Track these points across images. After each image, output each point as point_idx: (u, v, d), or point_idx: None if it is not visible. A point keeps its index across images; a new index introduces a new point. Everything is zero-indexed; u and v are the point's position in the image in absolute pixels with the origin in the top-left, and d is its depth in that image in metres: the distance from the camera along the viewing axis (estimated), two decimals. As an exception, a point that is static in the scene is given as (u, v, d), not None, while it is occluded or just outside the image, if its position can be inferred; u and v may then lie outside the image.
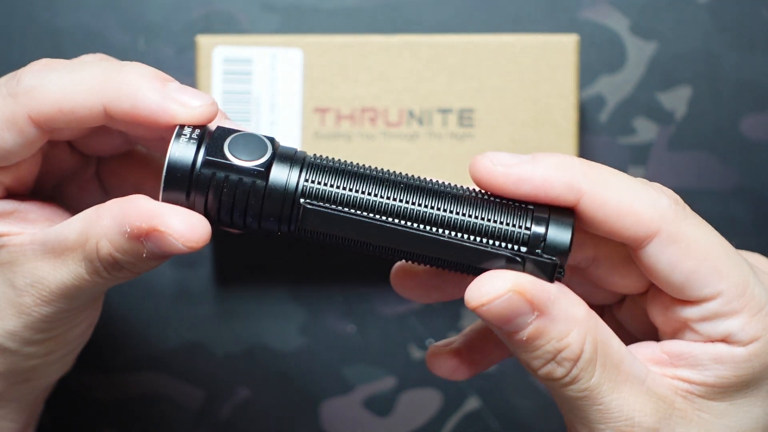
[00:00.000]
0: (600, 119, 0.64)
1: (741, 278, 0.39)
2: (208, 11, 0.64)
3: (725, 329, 0.39)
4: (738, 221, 0.64)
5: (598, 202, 0.38)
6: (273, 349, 0.64)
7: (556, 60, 0.59)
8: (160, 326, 0.64)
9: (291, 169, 0.38)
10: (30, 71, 0.39)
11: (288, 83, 0.59)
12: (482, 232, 0.38)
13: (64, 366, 0.46)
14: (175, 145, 0.38)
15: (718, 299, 0.39)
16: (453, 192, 0.39)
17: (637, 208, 0.38)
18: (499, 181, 0.38)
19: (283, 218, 0.39)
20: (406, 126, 0.59)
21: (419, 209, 0.38)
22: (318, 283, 0.64)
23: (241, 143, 0.38)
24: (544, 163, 0.38)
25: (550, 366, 0.38)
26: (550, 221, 0.38)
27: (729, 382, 0.39)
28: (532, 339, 0.38)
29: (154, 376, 0.64)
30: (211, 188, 0.38)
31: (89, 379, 0.64)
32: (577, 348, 0.38)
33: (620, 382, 0.38)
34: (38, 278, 0.40)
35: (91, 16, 0.64)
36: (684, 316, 0.40)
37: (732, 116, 0.64)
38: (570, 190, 0.38)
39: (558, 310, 0.38)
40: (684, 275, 0.39)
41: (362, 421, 0.64)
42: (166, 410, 0.64)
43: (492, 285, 0.37)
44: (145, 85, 0.39)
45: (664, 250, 0.38)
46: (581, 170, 0.38)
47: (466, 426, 0.65)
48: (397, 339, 0.64)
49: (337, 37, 0.59)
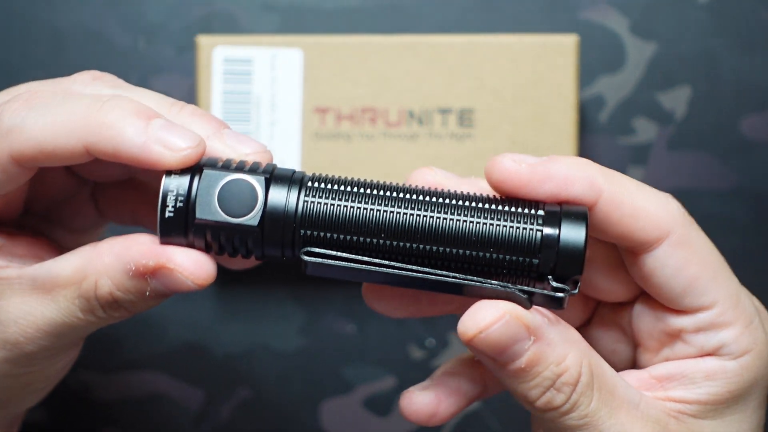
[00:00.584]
0: (600, 119, 0.64)
1: (735, 289, 0.39)
2: (208, 11, 0.64)
3: (719, 341, 0.39)
4: (738, 221, 0.64)
5: (616, 201, 0.38)
6: (273, 349, 0.64)
7: (556, 60, 0.59)
8: (160, 326, 0.64)
9: (285, 223, 0.37)
10: (10, 110, 0.38)
11: (288, 83, 0.59)
12: (490, 264, 0.37)
13: (40, 396, 0.45)
14: (165, 188, 0.37)
15: (713, 309, 0.39)
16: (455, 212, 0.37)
17: (651, 210, 0.38)
18: (523, 179, 0.38)
19: (285, 252, 0.38)
20: (406, 126, 0.59)
21: (423, 247, 0.37)
22: (318, 283, 0.64)
23: (231, 193, 0.37)
24: (565, 162, 0.38)
25: (549, 394, 0.37)
26: (561, 224, 0.37)
27: (722, 398, 0.39)
28: (530, 366, 0.37)
29: (154, 376, 0.64)
30: (208, 236, 0.37)
31: (89, 379, 0.64)
32: (575, 372, 0.37)
33: (616, 408, 0.38)
34: (24, 314, 0.39)
35: (91, 16, 0.64)
36: (678, 326, 0.39)
37: (732, 116, 0.64)
38: (591, 187, 0.38)
39: (554, 334, 0.37)
40: (687, 281, 0.38)
41: (362, 421, 0.64)
42: (166, 410, 0.64)
43: (486, 312, 0.37)
44: (127, 127, 0.37)
45: (672, 254, 0.38)
46: (599, 170, 0.38)
47: (466, 426, 0.65)
48: (397, 339, 0.64)
49: (337, 37, 0.59)
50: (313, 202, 0.37)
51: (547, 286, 0.37)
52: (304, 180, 0.38)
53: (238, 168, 0.38)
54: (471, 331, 0.37)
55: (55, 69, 0.63)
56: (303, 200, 0.37)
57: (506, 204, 0.37)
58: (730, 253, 0.42)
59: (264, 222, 0.37)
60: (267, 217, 0.37)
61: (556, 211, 0.37)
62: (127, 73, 0.63)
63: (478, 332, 0.37)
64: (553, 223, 0.37)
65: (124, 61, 0.63)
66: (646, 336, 0.41)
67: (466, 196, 0.38)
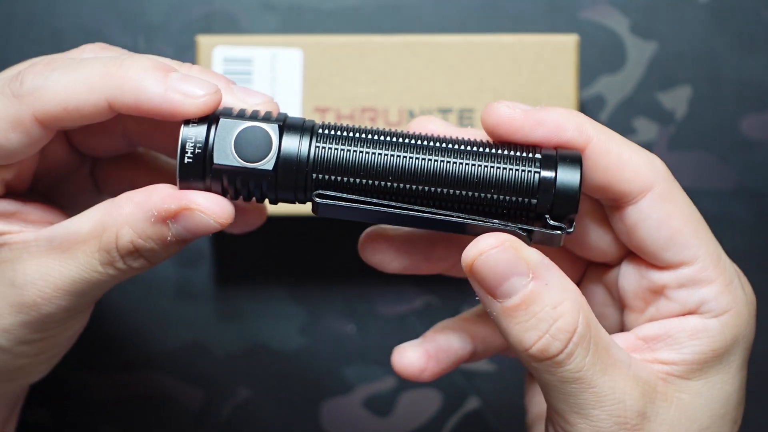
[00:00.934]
0: (600, 119, 0.64)
1: (715, 247, 0.40)
2: (208, 11, 0.64)
3: (700, 297, 0.40)
4: (738, 221, 0.64)
5: (603, 150, 0.39)
6: (273, 349, 0.64)
7: (556, 60, 0.59)
8: (160, 326, 0.64)
9: (298, 167, 0.39)
10: (32, 72, 0.40)
11: (288, 83, 0.59)
12: (491, 205, 0.39)
13: (47, 368, 0.46)
14: (184, 133, 0.39)
15: (695, 265, 0.40)
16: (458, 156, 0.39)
17: (637, 163, 0.40)
18: (517, 124, 0.39)
19: (298, 195, 0.40)
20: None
21: (427, 189, 0.39)
22: (318, 283, 0.64)
23: (247, 140, 0.39)
24: (557, 110, 0.40)
25: (545, 340, 0.38)
26: (558, 166, 0.39)
27: (705, 356, 0.40)
28: (526, 303, 0.38)
29: (154, 376, 0.64)
30: (225, 180, 0.39)
31: (89, 379, 0.64)
32: (572, 318, 0.38)
33: (610, 366, 0.39)
34: (42, 275, 0.40)
35: (91, 16, 0.64)
36: (661, 281, 0.41)
37: (732, 116, 0.64)
38: (581, 133, 0.39)
39: (552, 277, 0.38)
40: (669, 233, 0.40)
41: (362, 421, 0.64)
42: (166, 410, 0.64)
43: (488, 239, 0.38)
44: (148, 78, 0.39)
45: (654, 206, 0.40)
46: (589, 120, 0.40)
47: (466, 426, 0.65)
48: (397, 339, 0.64)
49: (337, 37, 0.59)
50: (324, 148, 0.39)
51: (545, 224, 0.39)
52: (315, 128, 0.40)
53: (252, 117, 0.40)
54: (471, 254, 0.38)
55: (55, 69, 0.63)
56: (315, 146, 0.39)
57: (506, 148, 0.40)
58: (730, 253, 0.43)
59: (278, 167, 0.39)
60: (281, 162, 0.39)
61: (552, 154, 0.39)
62: (127, 73, 0.63)
63: (478, 254, 0.38)
64: (549, 166, 0.39)
65: (124, 61, 0.63)
66: (631, 296, 0.42)
67: (468, 142, 0.40)
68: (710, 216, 0.43)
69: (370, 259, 0.44)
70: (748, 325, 0.41)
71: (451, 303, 0.64)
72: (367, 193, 0.39)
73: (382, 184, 0.39)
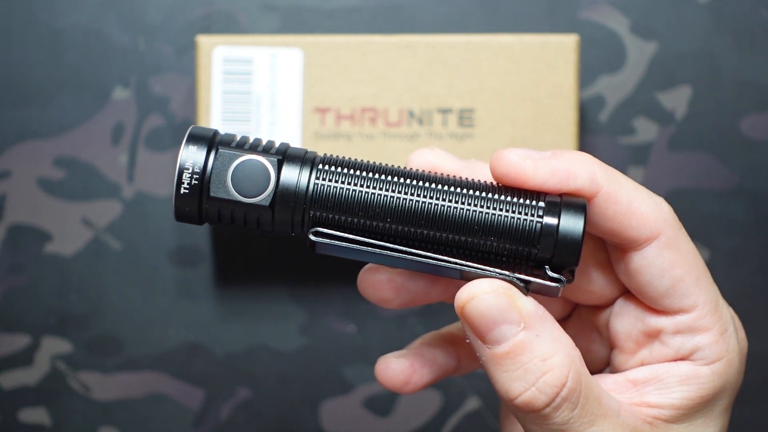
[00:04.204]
0: (600, 119, 0.64)
1: (714, 294, 0.40)
2: (208, 11, 0.64)
3: (695, 345, 0.40)
4: (738, 221, 0.64)
5: (612, 198, 0.39)
6: (273, 349, 0.64)
7: (556, 60, 0.59)
8: (160, 326, 0.64)
9: (295, 204, 0.38)
10: None
11: (288, 83, 0.59)
12: (491, 251, 0.38)
13: None
14: (182, 164, 0.38)
15: (693, 312, 0.40)
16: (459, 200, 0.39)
17: (645, 211, 0.39)
18: (527, 174, 0.39)
19: (295, 229, 0.39)
20: (406, 126, 0.59)
21: (426, 233, 0.38)
22: (318, 283, 0.64)
23: (245, 173, 0.38)
24: (567, 157, 0.39)
25: (531, 393, 0.37)
26: (561, 215, 0.38)
27: (693, 402, 0.40)
28: (514, 352, 0.37)
29: (154, 376, 0.64)
30: (220, 210, 0.39)
31: (89, 379, 0.64)
32: (561, 374, 0.37)
33: (600, 416, 0.38)
34: None
35: (91, 16, 0.64)
36: (657, 326, 0.40)
37: (732, 116, 0.64)
38: (592, 182, 0.39)
39: (545, 329, 0.38)
40: (671, 281, 0.39)
41: (362, 421, 0.64)
42: (166, 410, 0.64)
43: (482, 283, 0.38)
44: None
45: (659, 254, 0.39)
46: (600, 167, 0.39)
47: (466, 426, 0.65)
48: (397, 339, 0.64)
49: (337, 37, 0.59)
50: (323, 185, 0.39)
51: (544, 275, 0.38)
52: (315, 162, 0.39)
53: (253, 147, 0.39)
54: (463, 297, 0.38)
55: (55, 69, 0.63)
56: (313, 183, 0.39)
57: (508, 194, 0.39)
58: (730, 253, 0.43)
59: (275, 203, 0.38)
60: (278, 198, 0.38)
61: (556, 202, 0.38)
62: (127, 73, 0.63)
63: (470, 297, 0.38)
64: (553, 214, 0.38)
65: (123, 61, 0.63)
66: (624, 337, 0.42)
67: (470, 184, 0.39)
68: (710, 216, 0.43)
69: (371, 298, 0.43)
70: (738, 374, 0.41)
71: (451, 303, 0.64)
72: (365, 233, 0.39)
73: (380, 224, 0.38)
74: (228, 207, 0.38)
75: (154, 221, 0.64)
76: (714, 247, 0.63)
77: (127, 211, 0.64)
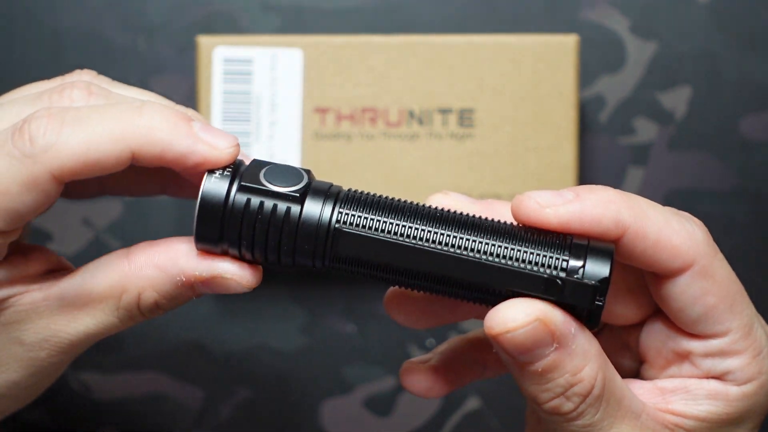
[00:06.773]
0: (600, 119, 0.64)
1: (749, 319, 0.40)
2: (208, 11, 0.64)
3: (726, 367, 0.40)
4: (738, 221, 0.64)
5: (640, 236, 0.38)
6: (273, 349, 0.64)
7: (556, 60, 0.59)
8: (160, 326, 0.64)
9: (326, 200, 0.39)
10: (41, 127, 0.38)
11: (288, 83, 0.59)
12: (520, 259, 0.38)
13: None
14: (207, 182, 0.38)
15: (725, 338, 0.39)
16: (489, 224, 0.39)
17: (675, 242, 0.39)
18: (549, 221, 0.38)
19: (317, 249, 0.39)
20: (406, 126, 0.59)
21: (457, 237, 0.38)
22: (318, 283, 0.64)
23: (277, 173, 0.39)
24: (591, 200, 0.38)
25: (558, 401, 0.38)
26: (588, 253, 0.38)
27: (719, 418, 0.40)
28: (546, 371, 0.38)
29: (154, 376, 0.64)
30: (245, 218, 0.38)
31: (89, 379, 0.64)
32: (589, 384, 0.38)
33: (619, 418, 0.39)
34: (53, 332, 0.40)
35: (91, 16, 0.64)
36: (688, 348, 0.40)
37: (732, 116, 0.64)
38: (617, 225, 0.38)
39: (576, 345, 0.38)
40: (704, 309, 0.39)
41: (362, 421, 0.64)
42: (166, 410, 0.64)
43: (517, 312, 0.37)
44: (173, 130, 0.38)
45: (693, 284, 0.39)
46: (625, 205, 0.39)
47: (466, 426, 0.65)
48: (397, 339, 0.64)
49: (337, 37, 0.59)
50: (353, 196, 0.39)
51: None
52: (342, 191, 0.39)
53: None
54: (497, 328, 0.37)
55: (55, 69, 0.63)
56: (344, 194, 0.39)
57: (532, 245, 0.38)
58: (730, 253, 0.43)
59: (305, 196, 0.38)
60: (309, 195, 0.38)
61: (582, 245, 0.38)
62: (127, 73, 0.63)
63: (504, 332, 0.37)
64: (577, 258, 0.38)
65: (124, 61, 0.64)
66: (654, 353, 0.42)
67: (494, 230, 0.38)
68: (710, 216, 0.43)
69: (397, 319, 0.44)
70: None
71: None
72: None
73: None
74: (257, 197, 0.38)
75: (155, 221, 0.64)
76: (714, 247, 0.63)
77: (127, 212, 0.64)
